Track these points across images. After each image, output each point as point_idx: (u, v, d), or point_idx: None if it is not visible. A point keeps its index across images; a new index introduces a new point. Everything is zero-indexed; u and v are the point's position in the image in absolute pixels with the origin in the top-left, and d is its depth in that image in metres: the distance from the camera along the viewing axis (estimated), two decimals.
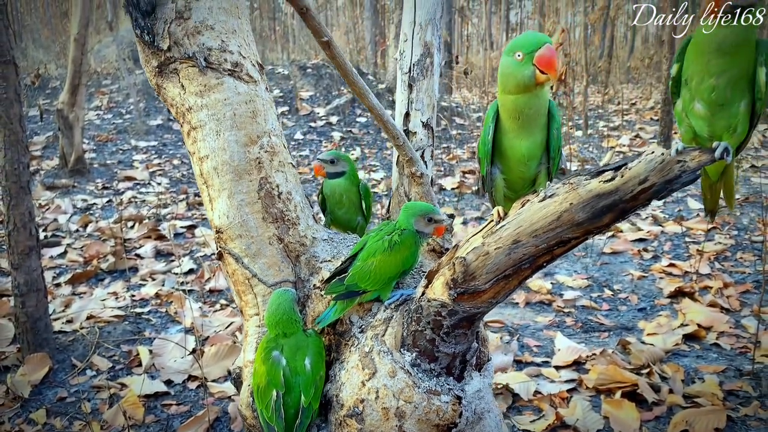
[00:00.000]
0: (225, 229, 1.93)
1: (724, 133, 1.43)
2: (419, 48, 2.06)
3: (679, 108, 1.49)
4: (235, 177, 1.90)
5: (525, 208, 1.43)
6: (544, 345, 3.17)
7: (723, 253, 4.28)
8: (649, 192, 1.26)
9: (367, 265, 1.73)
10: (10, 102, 2.86)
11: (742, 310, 3.43)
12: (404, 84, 2.09)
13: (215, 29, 1.87)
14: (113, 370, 3.05)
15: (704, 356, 2.98)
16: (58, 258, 4.78)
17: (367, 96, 1.63)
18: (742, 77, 1.37)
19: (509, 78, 1.44)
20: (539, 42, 1.41)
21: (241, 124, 1.90)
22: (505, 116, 1.51)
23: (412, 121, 2.07)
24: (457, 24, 20.53)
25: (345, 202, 2.20)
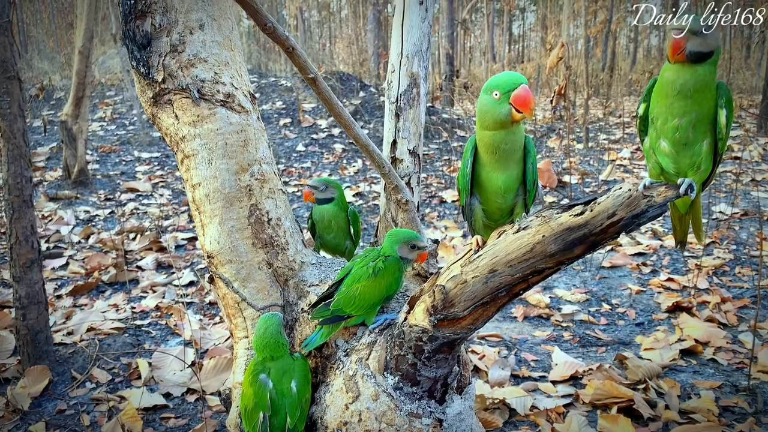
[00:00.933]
0: (216, 254, 1.98)
1: (689, 170, 1.49)
2: (406, 79, 2.13)
3: (647, 145, 1.56)
4: (226, 204, 1.96)
5: (501, 239, 1.48)
6: (541, 359, 3.18)
7: (721, 267, 4.29)
8: (617, 226, 1.32)
9: (352, 290, 1.78)
10: (14, 117, 2.90)
11: (740, 326, 3.44)
12: (391, 113, 2.15)
13: (208, 62, 1.94)
14: (113, 383, 3.07)
15: (701, 372, 2.99)
16: (60, 269, 4.81)
17: (352, 128, 1.68)
18: (703, 119, 1.43)
19: (487, 115, 1.51)
20: (516, 82, 1.48)
21: (233, 153, 1.96)
22: (483, 150, 1.58)
23: (399, 149, 2.14)
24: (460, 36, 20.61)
25: (333, 227, 2.26)
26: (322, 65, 13.78)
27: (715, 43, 1.42)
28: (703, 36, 1.40)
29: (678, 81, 1.41)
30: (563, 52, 6.67)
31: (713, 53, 1.41)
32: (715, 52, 1.42)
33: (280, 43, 1.44)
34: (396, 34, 2.16)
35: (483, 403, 2.69)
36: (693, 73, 1.40)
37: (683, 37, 1.40)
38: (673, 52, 1.40)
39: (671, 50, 1.41)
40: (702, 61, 1.40)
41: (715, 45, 1.41)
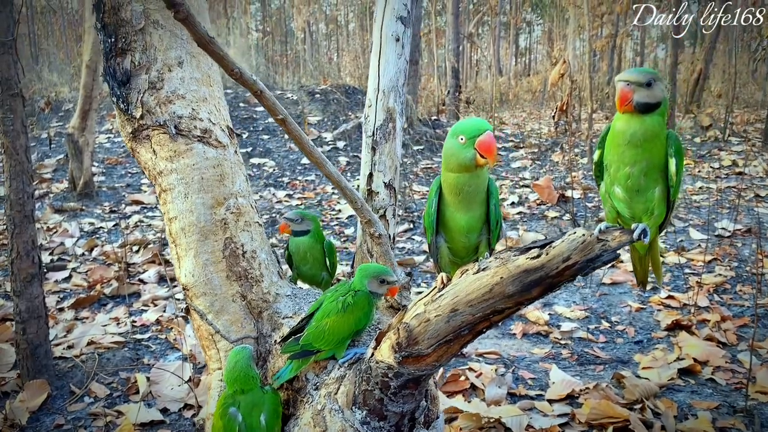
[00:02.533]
0: (191, 286, 2.02)
1: (643, 215, 1.53)
2: (382, 113, 2.17)
3: (603, 190, 1.60)
4: (201, 237, 2.00)
5: (461, 279, 1.51)
6: (539, 377, 3.18)
7: (722, 285, 4.27)
8: (572, 269, 1.35)
9: (322, 325, 1.81)
10: (17, 133, 2.95)
11: (739, 345, 3.42)
12: (368, 147, 2.20)
13: (186, 98, 1.99)
14: (111, 398, 3.09)
15: (699, 392, 2.97)
16: (63, 282, 4.85)
17: (324, 165, 1.71)
18: (654, 167, 1.47)
19: (452, 158, 1.56)
20: (481, 128, 1.53)
21: (209, 188, 2.01)
22: (447, 191, 1.63)
23: (375, 182, 2.18)
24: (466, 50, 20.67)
25: (309, 259, 2.30)
26: (327, 78, 13.87)
27: (662, 95, 1.46)
28: (649, 88, 1.43)
29: (628, 131, 1.44)
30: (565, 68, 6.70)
31: (660, 104, 1.45)
32: (662, 103, 1.45)
33: (248, 87, 1.46)
34: (373, 70, 2.20)
35: (478, 422, 2.69)
36: (641, 124, 1.44)
37: (630, 89, 1.44)
38: (621, 103, 1.44)
39: (619, 101, 1.45)
40: (650, 112, 1.44)
41: (661, 97, 1.46)
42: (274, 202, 7.17)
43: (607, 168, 1.53)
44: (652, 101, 1.43)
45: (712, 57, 12.34)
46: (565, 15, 16.69)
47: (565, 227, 5.87)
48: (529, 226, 5.98)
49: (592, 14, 11.11)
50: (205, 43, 1.30)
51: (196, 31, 1.27)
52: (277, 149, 9.48)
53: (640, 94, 1.43)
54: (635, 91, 1.43)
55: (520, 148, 10.03)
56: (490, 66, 15.90)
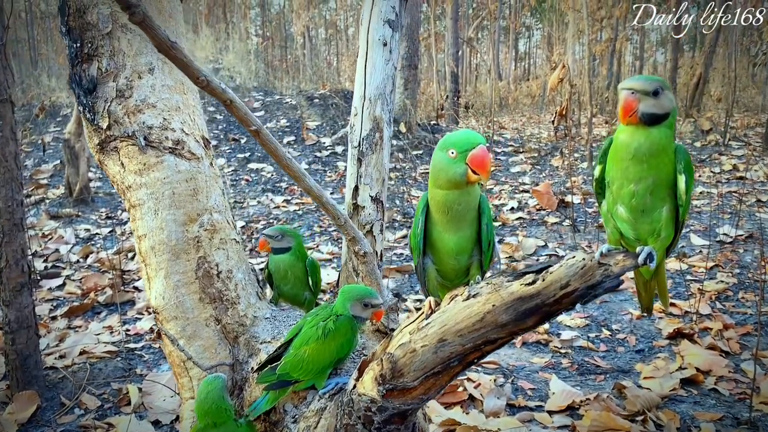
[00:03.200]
0: (161, 309, 1.91)
1: (649, 237, 1.40)
2: (369, 122, 2.05)
3: (604, 209, 1.48)
4: (172, 257, 1.88)
5: (450, 306, 1.41)
6: (538, 388, 3.12)
7: (724, 292, 4.21)
8: (571, 297, 1.26)
9: (300, 353, 1.69)
10: (6, 140, 2.89)
11: (743, 353, 3.36)
12: (353, 158, 2.08)
13: (157, 107, 1.88)
14: (102, 409, 3.02)
15: (702, 402, 2.91)
16: (57, 290, 4.79)
17: (303, 179, 1.60)
18: (661, 184, 1.35)
19: (441, 173, 1.45)
20: (473, 142, 1.41)
21: (180, 203, 1.89)
22: (435, 209, 1.51)
23: (361, 195, 2.06)
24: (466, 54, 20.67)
25: (290, 278, 2.18)
26: (326, 83, 13.83)
27: (670, 105, 1.33)
28: (656, 97, 1.31)
29: (632, 144, 1.32)
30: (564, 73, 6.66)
31: (668, 116, 1.33)
32: (670, 114, 1.33)
33: (217, 96, 1.36)
34: (359, 76, 2.08)
35: None
36: (647, 137, 1.31)
37: (635, 98, 1.31)
38: (624, 114, 1.32)
39: (622, 111, 1.32)
40: (656, 124, 1.32)
41: (669, 107, 1.33)
42: (272, 207, 7.12)
43: (609, 185, 1.40)
44: (659, 112, 1.30)
45: (711, 61, 12.31)
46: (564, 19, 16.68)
47: (564, 233, 5.82)
48: (528, 232, 5.92)
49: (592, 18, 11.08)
50: (166, 48, 1.18)
51: (154, 36, 1.15)
52: None
53: (645, 104, 1.30)
54: (640, 100, 1.31)
55: (519, 152, 9.98)
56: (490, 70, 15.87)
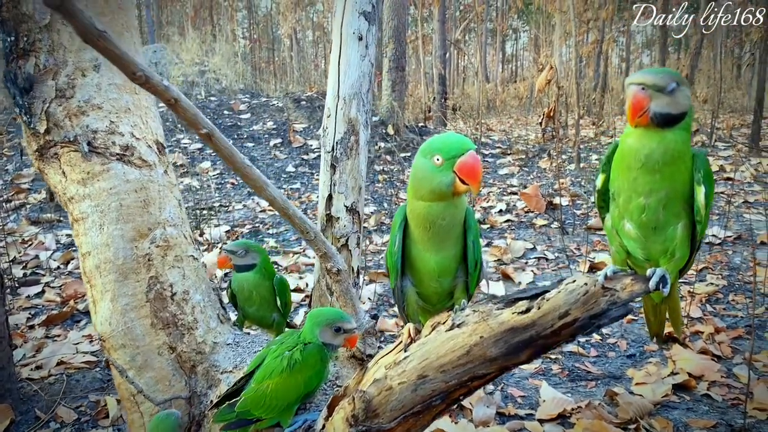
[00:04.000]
0: (107, 337, 1.71)
1: (661, 257, 1.22)
2: (343, 125, 1.89)
3: (609, 225, 1.31)
4: (119, 277, 1.69)
5: (431, 337, 1.25)
6: (528, 395, 3.05)
7: (715, 294, 4.17)
8: (572, 327, 1.10)
9: (262, 388, 1.50)
10: None
11: (735, 357, 3.31)
12: (327, 164, 1.91)
13: (103, 108, 1.68)
14: (78, 422, 2.92)
15: (695, 408, 2.86)
16: (36, 297, 4.67)
17: (265, 188, 1.43)
18: (676, 197, 1.17)
19: (424, 182, 1.27)
20: (462, 147, 1.24)
21: (129, 216, 1.71)
22: (415, 225, 1.34)
23: (335, 205, 1.90)
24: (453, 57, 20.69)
25: (256, 298, 1.97)
26: (314, 85, 13.75)
27: (686, 103, 1.14)
28: (671, 95, 1.12)
29: (642, 150, 1.14)
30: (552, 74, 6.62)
31: (684, 116, 1.14)
32: (687, 114, 1.14)
33: (159, 95, 1.18)
34: (332, 74, 1.90)
35: None
36: (660, 141, 1.13)
37: (645, 95, 1.12)
38: (634, 114, 1.13)
39: (631, 111, 1.13)
40: (671, 125, 1.13)
41: (686, 105, 1.14)
42: (258, 211, 7.02)
43: (615, 197, 1.23)
44: (674, 112, 1.12)
45: (697, 62, 12.35)
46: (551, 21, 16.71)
47: (553, 235, 5.77)
48: (517, 235, 5.87)
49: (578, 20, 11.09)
50: (92, 38, 0.97)
51: (77, 23, 0.94)
52: (262, 157, 9.34)
53: (659, 103, 1.12)
54: (652, 97, 1.12)
55: (507, 154, 9.95)
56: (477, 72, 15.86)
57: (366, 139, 1.91)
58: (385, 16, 10.28)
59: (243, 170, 1.37)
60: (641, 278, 1.14)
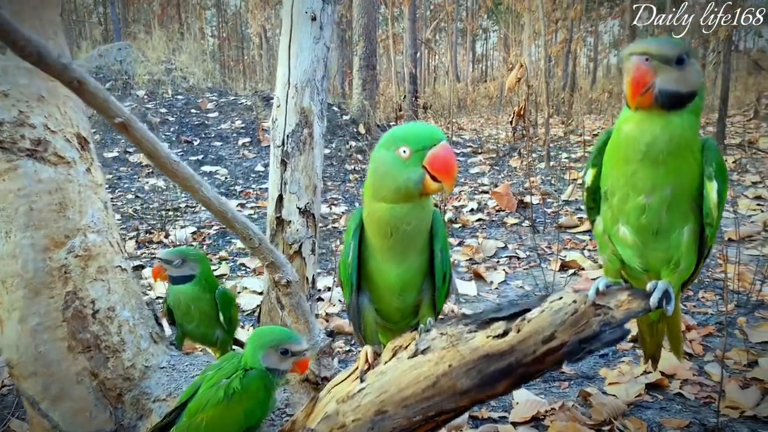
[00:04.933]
0: (15, 363, 1.48)
1: (663, 268, 1.05)
2: (294, 116, 1.68)
3: (599, 229, 1.11)
4: (29, 293, 1.45)
5: (391, 365, 1.07)
6: (502, 398, 3.00)
7: (685, 292, 4.19)
8: (557, 354, 0.94)
9: (196, 422, 1.30)
10: None
11: (706, 355, 3.31)
12: (277, 160, 1.70)
13: (10, 96, 1.47)
14: None
15: (668, 408, 2.84)
16: None
17: (198, 189, 1.23)
18: (683, 195, 1.00)
19: (386, 180, 1.08)
20: (434, 137, 1.06)
21: (41, 222, 1.48)
22: (373, 230, 1.15)
23: (287, 207, 1.68)
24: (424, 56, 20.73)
25: (194, 313, 1.74)
26: None
27: (697, 80, 0.96)
28: (680, 67, 0.94)
29: (643, 138, 0.96)
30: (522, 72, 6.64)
31: (694, 95, 0.96)
32: (697, 94, 0.96)
33: (57, 76, 1.02)
34: (282, 59, 1.68)
35: None
36: (665, 126, 0.94)
37: (650, 68, 0.93)
38: (635, 91, 0.94)
39: (632, 88, 0.95)
40: (678, 107, 0.95)
41: (697, 82, 0.96)
42: None
43: (608, 196, 1.05)
44: (683, 90, 0.94)
45: None
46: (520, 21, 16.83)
47: (524, 234, 5.76)
48: (488, 233, 5.85)
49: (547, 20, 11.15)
50: None
51: None
52: (230, 156, 9.19)
53: (665, 78, 0.93)
54: (657, 71, 0.93)
55: (478, 153, 9.96)
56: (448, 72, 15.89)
57: (321, 131, 1.70)
58: (355, 14, 10.20)
59: (169, 167, 1.17)
60: (640, 293, 0.99)
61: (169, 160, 1.16)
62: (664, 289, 0.98)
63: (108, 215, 1.61)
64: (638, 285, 1.04)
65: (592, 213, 1.15)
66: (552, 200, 6.88)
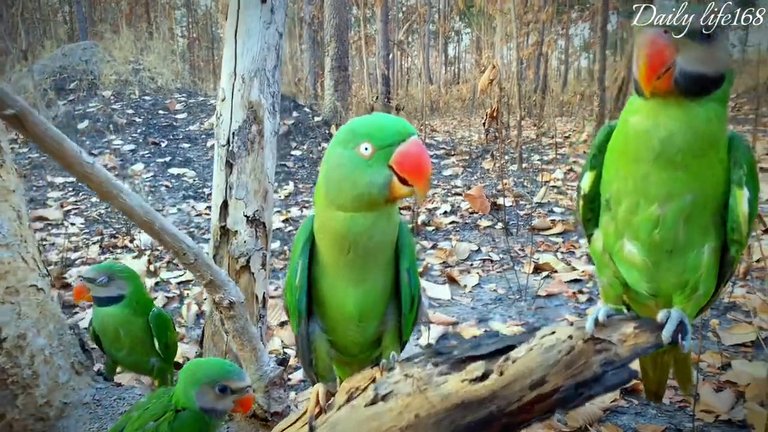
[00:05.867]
0: None
1: (676, 293, 0.86)
2: (241, 111, 1.48)
3: (599, 246, 0.92)
4: None
5: (344, 413, 0.87)
6: None
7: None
8: (549, 401, 0.78)
9: None
10: None
11: None
12: (221, 161, 1.48)
13: None
14: None
15: (643, 413, 2.81)
16: None
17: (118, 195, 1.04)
18: (706, 205, 0.81)
19: (345, 184, 0.90)
20: (402, 132, 0.89)
21: None
22: (327, 245, 0.96)
23: (232, 215, 1.46)
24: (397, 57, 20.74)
25: (125, 339, 1.52)
26: None
27: (726, 58, 0.78)
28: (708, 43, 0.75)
29: (657, 133, 0.77)
30: (495, 74, 6.63)
31: (723, 79, 0.78)
32: (725, 77, 0.78)
33: None
34: (228, 47, 1.47)
35: None
36: (686, 118, 0.76)
37: (671, 43, 0.75)
38: (650, 74, 0.76)
39: (646, 69, 0.77)
40: (701, 95, 0.77)
41: (725, 63, 0.78)
42: (194, 215, 6.72)
43: (611, 205, 0.87)
44: (710, 72, 0.75)
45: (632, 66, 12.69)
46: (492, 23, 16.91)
47: (497, 236, 5.72)
48: (462, 236, 5.80)
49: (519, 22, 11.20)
50: None
51: None
52: (198, 158, 9.01)
53: (689, 56, 0.75)
54: (680, 48, 0.75)
55: (451, 155, 9.93)
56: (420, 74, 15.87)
57: (273, 129, 1.50)
58: (326, 14, 10.10)
59: (80, 169, 0.98)
60: (649, 325, 0.80)
61: (79, 160, 0.97)
62: (679, 319, 0.81)
63: (22, 226, 1.38)
64: (644, 313, 0.86)
65: (589, 226, 0.97)
66: (525, 202, 6.86)
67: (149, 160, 8.81)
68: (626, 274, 0.88)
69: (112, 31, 16.74)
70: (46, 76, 11.08)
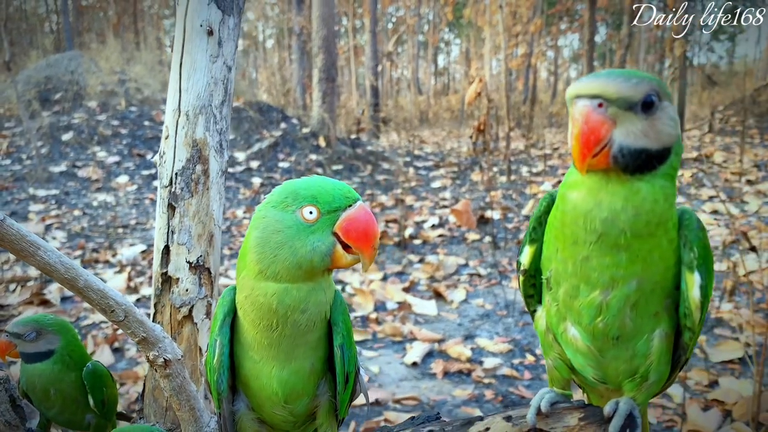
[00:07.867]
0: None
1: (626, 381, 0.79)
2: (185, 150, 1.36)
3: (542, 325, 0.85)
4: None
5: None
6: None
7: None
8: None
9: None
10: None
11: None
12: (163, 203, 1.37)
13: None
14: None
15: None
16: None
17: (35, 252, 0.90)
18: (654, 290, 0.75)
19: (282, 251, 0.84)
20: (348, 197, 0.85)
21: None
22: (251, 320, 0.88)
23: (174, 261, 1.34)
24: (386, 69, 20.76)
25: (55, 398, 1.39)
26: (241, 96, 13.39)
27: (672, 132, 0.69)
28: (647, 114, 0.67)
29: (598, 213, 0.71)
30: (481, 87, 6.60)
31: (669, 153, 0.70)
32: (672, 149, 0.70)
33: None
34: (173, 80, 1.38)
35: None
36: (629, 196, 0.70)
37: (605, 118, 0.67)
38: (585, 150, 0.68)
39: (580, 145, 0.68)
40: (646, 170, 0.70)
41: (672, 135, 0.69)
42: None
43: (551, 285, 0.79)
44: (653, 147, 0.69)
45: None
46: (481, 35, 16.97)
47: (485, 250, 5.67)
48: (449, 250, 5.75)
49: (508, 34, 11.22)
50: None
51: None
52: None
53: (628, 130, 0.68)
54: (618, 121, 0.68)
55: (440, 167, 9.90)
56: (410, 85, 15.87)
57: (220, 168, 1.40)
58: (314, 25, 10.06)
59: None
60: (595, 414, 0.75)
61: None
62: (627, 411, 0.75)
63: None
64: (593, 396, 0.81)
65: (531, 302, 0.91)
66: (513, 215, 6.82)
67: (134, 172, 8.71)
68: (572, 357, 0.82)
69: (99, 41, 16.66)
70: (30, 86, 10.94)
